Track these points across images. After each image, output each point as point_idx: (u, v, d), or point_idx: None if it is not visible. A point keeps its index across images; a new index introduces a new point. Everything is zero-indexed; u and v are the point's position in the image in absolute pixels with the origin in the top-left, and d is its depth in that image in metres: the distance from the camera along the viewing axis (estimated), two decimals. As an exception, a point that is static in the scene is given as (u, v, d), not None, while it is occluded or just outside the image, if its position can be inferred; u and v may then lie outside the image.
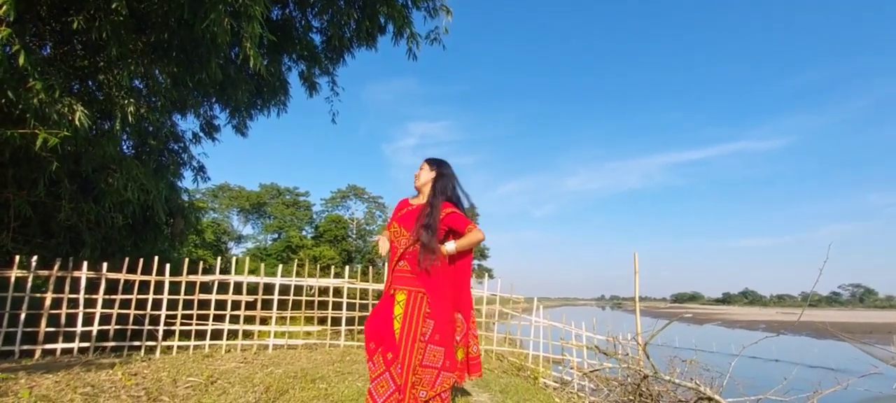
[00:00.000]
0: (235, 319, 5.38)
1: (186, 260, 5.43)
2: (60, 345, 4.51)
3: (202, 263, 8.25)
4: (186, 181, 7.93)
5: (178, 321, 5.09)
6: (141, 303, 4.98)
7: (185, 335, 5.19)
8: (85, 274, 4.77)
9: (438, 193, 2.40)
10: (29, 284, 4.55)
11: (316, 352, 5.25)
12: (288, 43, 6.69)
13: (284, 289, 5.85)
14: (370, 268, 8.62)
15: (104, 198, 5.30)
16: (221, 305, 5.35)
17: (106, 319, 4.80)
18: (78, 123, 4.04)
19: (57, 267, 4.66)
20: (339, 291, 6.18)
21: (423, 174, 2.49)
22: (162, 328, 4.99)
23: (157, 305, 5.03)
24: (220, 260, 5.59)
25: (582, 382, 5.54)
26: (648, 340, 4.09)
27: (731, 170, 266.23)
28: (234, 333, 5.36)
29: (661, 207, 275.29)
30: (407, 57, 6.17)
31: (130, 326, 4.88)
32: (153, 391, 3.08)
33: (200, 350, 5.02)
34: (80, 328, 4.62)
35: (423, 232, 2.29)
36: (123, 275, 4.92)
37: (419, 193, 2.50)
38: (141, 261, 5.02)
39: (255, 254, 37.55)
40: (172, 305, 5.13)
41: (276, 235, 44.38)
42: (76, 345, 4.56)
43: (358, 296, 6.12)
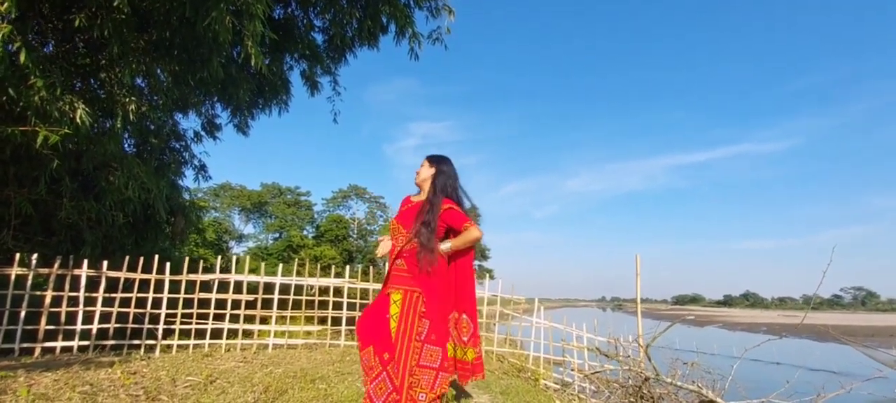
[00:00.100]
0: (235, 318, 5.37)
1: (187, 258, 5.42)
2: (60, 343, 4.50)
3: (203, 262, 8.25)
4: (188, 180, 7.96)
5: (177, 320, 5.07)
6: (141, 302, 4.96)
7: (184, 334, 5.17)
8: (85, 272, 4.77)
9: (438, 190, 2.37)
10: (29, 282, 4.54)
11: (316, 352, 5.23)
12: (290, 42, 6.68)
13: (285, 289, 5.83)
14: (371, 268, 8.61)
15: (105, 197, 5.30)
16: (221, 304, 5.33)
17: (106, 317, 4.79)
18: (79, 121, 4.05)
19: (57, 264, 4.65)
20: (339, 291, 6.17)
21: (423, 170, 2.47)
22: (162, 327, 4.98)
23: (157, 304, 5.02)
24: (220, 259, 5.58)
25: (583, 384, 5.52)
26: (650, 342, 4.06)
27: (734, 173, 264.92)
28: (233, 332, 5.34)
29: (662, 209, 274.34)
30: (409, 57, 6.17)
31: (130, 325, 4.87)
32: (152, 390, 3.07)
33: (200, 350, 5.01)
34: (79, 326, 4.61)
35: (421, 229, 2.27)
36: (124, 274, 4.91)
37: (420, 190, 2.48)
38: (141, 260, 5.01)
39: (256, 254, 37.60)
40: (172, 304, 5.12)
41: (277, 235, 44.48)
42: (76, 344, 4.56)
43: (358, 296, 6.10)
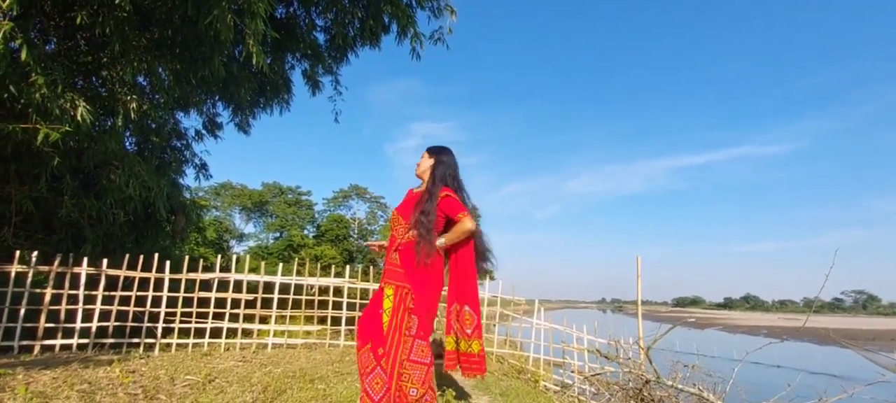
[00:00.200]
0: (235, 317, 5.36)
1: (187, 257, 5.42)
2: (59, 341, 4.50)
3: (203, 261, 8.24)
4: (188, 178, 7.95)
5: (177, 318, 5.06)
6: (141, 300, 4.95)
7: (184, 333, 5.16)
8: (85, 270, 4.76)
9: (437, 180, 2.38)
10: (29, 279, 4.54)
11: (315, 352, 5.22)
12: (291, 41, 6.68)
13: (285, 288, 5.82)
14: (371, 268, 8.60)
15: (106, 195, 5.29)
16: (221, 303, 5.32)
17: (105, 316, 4.78)
18: (80, 119, 4.04)
19: (57, 262, 4.64)
20: (339, 291, 6.16)
21: (423, 162, 2.49)
22: (161, 325, 4.97)
23: (156, 302, 5.01)
24: (220, 258, 5.57)
25: (583, 386, 5.49)
26: (651, 344, 4.05)
27: (735, 175, 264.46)
28: (233, 332, 5.33)
29: (663, 211, 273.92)
30: (410, 57, 6.15)
31: (130, 323, 4.86)
32: (150, 389, 3.06)
33: (199, 349, 5.00)
34: (79, 324, 4.60)
35: (419, 218, 2.27)
36: (124, 272, 4.90)
37: (422, 182, 2.48)
38: (141, 258, 5.00)
39: (256, 253, 37.65)
40: (172, 302, 5.11)
41: (277, 234, 44.53)
42: (75, 341, 4.55)
43: (358, 296, 6.09)
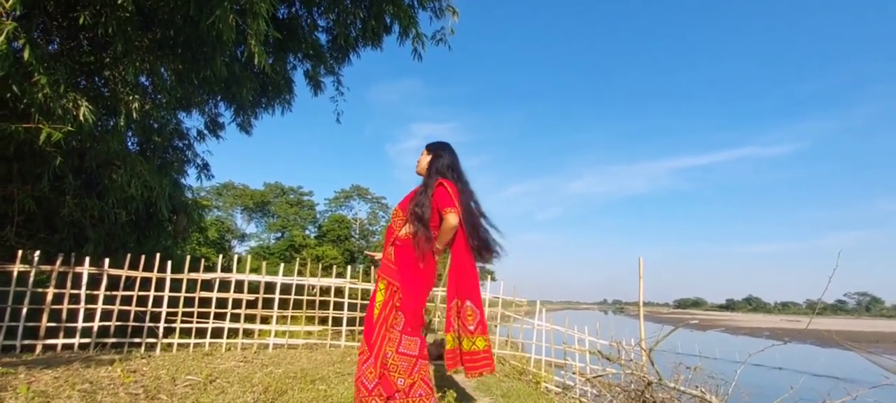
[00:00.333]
0: (236, 318, 5.36)
1: (188, 257, 5.42)
2: (61, 341, 4.51)
3: (205, 261, 8.25)
4: (190, 178, 7.96)
5: (178, 318, 5.07)
6: (142, 300, 4.96)
7: (185, 333, 5.17)
8: (87, 269, 4.77)
9: (433, 174, 2.43)
10: (31, 279, 4.55)
11: (316, 352, 5.22)
12: (293, 41, 6.69)
13: (286, 288, 5.82)
14: (372, 269, 8.59)
15: (108, 194, 5.30)
16: (222, 303, 5.33)
17: (107, 315, 4.79)
18: (82, 119, 4.05)
19: (59, 262, 4.66)
20: (340, 291, 6.16)
21: (422, 159, 2.56)
22: (162, 325, 4.97)
23: (158, 302, 5.01)
24: (222, 258, 5.58)
25: (584, 387, 5.47)
26: (653, 346, 4.03)
27: (737, 176, 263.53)
28: (234, 332, 5.33)
29: (666, 212, 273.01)
30: (412, 57, 6.14)
31: (131, 323, 4.86)
32: (152, 388, 3.06)
33: (200, 349, 5.01)
34: (81, 324, 4.61)
35: (413, 210, 2.34)
36: (125, 272, 4.91)
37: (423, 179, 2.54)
38: (143, 258, 5.01)
39: (257, 253, 37.69)
40: (173, 302, 5.11)
41: (279, 234, 44.58)
42: (77, 341, 4.56)
43: (360, 297, 6.09)
